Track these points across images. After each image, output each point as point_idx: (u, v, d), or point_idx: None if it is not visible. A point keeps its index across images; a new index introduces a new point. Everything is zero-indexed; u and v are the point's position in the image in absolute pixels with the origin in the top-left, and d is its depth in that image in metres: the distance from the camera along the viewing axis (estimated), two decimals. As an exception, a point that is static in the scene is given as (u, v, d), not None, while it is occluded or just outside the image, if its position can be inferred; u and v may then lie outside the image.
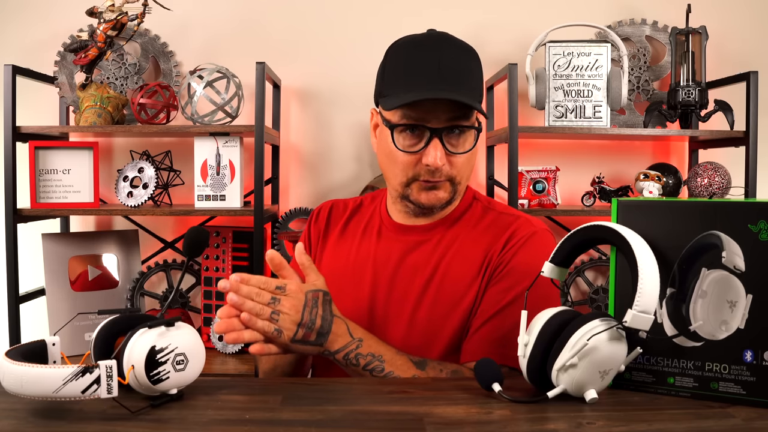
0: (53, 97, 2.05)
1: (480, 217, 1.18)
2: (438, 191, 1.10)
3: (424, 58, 1.06)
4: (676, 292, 0.88)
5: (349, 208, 1.27)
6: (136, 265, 2.05)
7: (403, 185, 1.11)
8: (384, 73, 1.11)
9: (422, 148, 1.06)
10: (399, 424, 0.79)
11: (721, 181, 1.87)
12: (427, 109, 1.04)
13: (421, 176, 1.08)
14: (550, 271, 0.93)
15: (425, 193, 1.10)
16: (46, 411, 0.81)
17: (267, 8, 2.11)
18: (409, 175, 1.09)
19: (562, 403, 0.84)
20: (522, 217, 1.16)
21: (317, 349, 0.99)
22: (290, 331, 0.95)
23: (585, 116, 1.89)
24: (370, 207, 1.26)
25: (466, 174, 1.12)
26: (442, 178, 1.08)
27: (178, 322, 0.84)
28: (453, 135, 1.06)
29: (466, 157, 1.09)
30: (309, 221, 1.28)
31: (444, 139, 1.06)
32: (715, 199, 0.97)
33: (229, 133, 1.85)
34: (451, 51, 1.07)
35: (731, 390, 0.85)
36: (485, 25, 2.11)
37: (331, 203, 1.28)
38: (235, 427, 0.77)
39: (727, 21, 2.11)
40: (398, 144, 1.07)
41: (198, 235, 0.96)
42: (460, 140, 1.07)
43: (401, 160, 1.08)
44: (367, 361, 1.00)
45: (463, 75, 1.06)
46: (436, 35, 1.10)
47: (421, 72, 1.05)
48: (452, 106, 1.04)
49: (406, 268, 1.13)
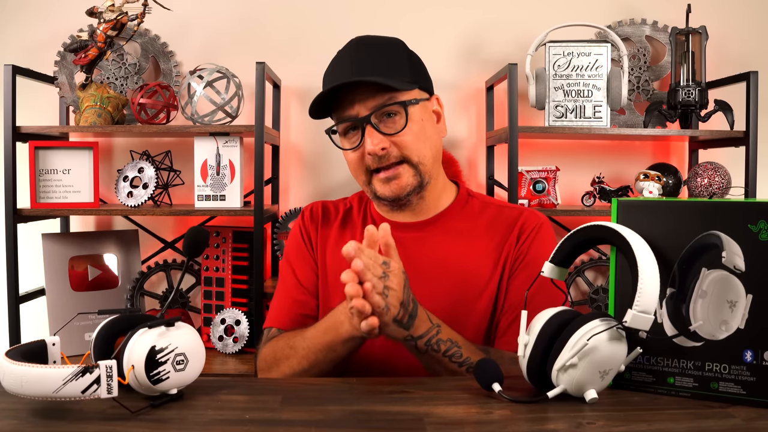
0: (53, 97, 2.05)
1: (479, 211, 1.20)
2: (399, 180, 1.12)
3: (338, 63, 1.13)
4: (676, 292, 0.88)
5: (340, 209, 1.27)
6: (136, 265, 2.05)
7: (366, 183, 1.14)
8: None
9: (361, 141, 1.10)
10: (399, 424, 0.79)
11: (721, 181, 1.87)
12: (351, 102, 1.09)
13: (373, 167, 1.12)
14: (550, 271, 0.93)
15: (386, 185, 1.12)
16: (46, 411, 0.81)
17: (267, 8, 2.11)
18: (364, 170, 1.13)
19: (562, 403, 0.84)
20: (525, 209, 1.20)
21: (404, 334, 0.98)
22: (395, 309, 0.94)
23: (585, 116, 1.89)
24: (361, 206, 1.26)
25: (420, 151, 1.12)
26: (393, 161, 1.11)
27: (178, 322, 0.84)
28: (386, 119, 1.10)
29: (411, 134, 1.11)
30: (301, 220, 1.27)
31: (378, 125, 1.09)
32: (715, 199, 0.97)
33: (229, 133, 1.85)
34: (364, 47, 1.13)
35: (731, 390, 0.85)
36: (485, 25, 2.11)
37: (320, 203, 1.28)
38: (235, 427, 0.77)
39: (727, 21, 2.11)
40: (343, 145, 1.13)
41: (198, 235, 0.96)
42: (396, 120, 1.11)
43: (352, 159, 1.13)
44: (447, 347, 1.01)
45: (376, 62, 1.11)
46: (354, 40, 1.16)
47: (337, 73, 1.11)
48: (374, 92, 1.09)
49: (416, 265, 1.12)
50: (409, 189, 1.12)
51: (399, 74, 1.11)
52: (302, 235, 1.25)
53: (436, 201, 1.20)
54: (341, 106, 1.11)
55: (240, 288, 1.95)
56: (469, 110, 2.13)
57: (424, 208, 1.18)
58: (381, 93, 1.08)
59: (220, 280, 1.96)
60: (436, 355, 1.01)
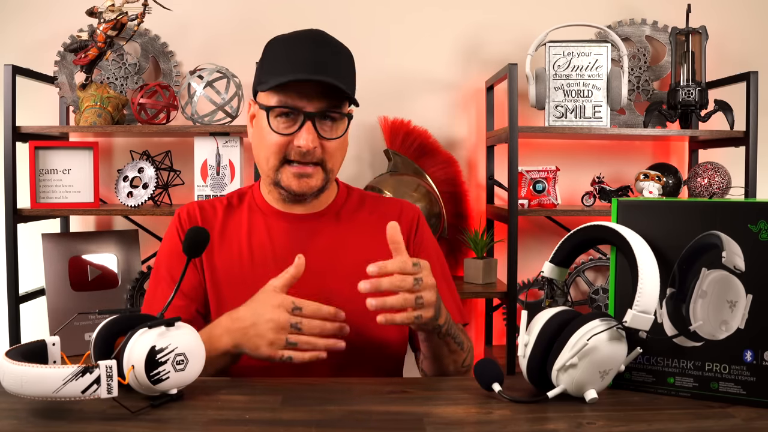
0: (53, 97, 2.05)
1: (360, 204, 1.25)
2: (310, 179, 1.13)
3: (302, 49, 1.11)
4: (676, 292, 0.88)
5: (217, 206, 1.23)
6: (136, 265, 2.04)
7: (275, 169, 1.13)
8: (263, 63, 1.15)
9: (296, 131, 1.10)
10: (399, 424, 0.79)
11: (721, 181, 1.87)
12: (303, 95, 1.09)
13: (291, 157, 1.11)
14: (550, 271, 0.93)
15: (297, 180, 1.13)
16: (46, 411, 0.81)
17: (267, 8, 2.11)
18: (280, 157, 1.12)
19: (562, 403, 0.84)
20: (400, 201, 1.29)
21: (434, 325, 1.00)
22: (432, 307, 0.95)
23: (585, 116, 1.89)
24: (243, 203, 1.24)
25: (337, 161, 1.16)
26: (313, 160, 1.11)
27: (178, 322, 0.84)
28: (326, 122, 1.11)
29: (337, 143, 1.13)
30: (178, 222, 1.22)
31: (317, 125, 1.10)
32: (715, 199, 0.97)
33: (229, 133, 1.85)
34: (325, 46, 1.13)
35: (731, 390, 0.85)
36: (485, 25, 2.11)
37: (196, 204, 1.24)
38: (235, 427, 0.77)
39: (727, 21, 2.11)
40: (273, 126, 1.11)
41: (198, 235, 0.96)
42: (333, 127, 1.12)
43: (274, 142, 1.11)
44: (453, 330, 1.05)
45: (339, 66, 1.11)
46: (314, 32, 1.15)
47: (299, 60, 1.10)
48: (327, 94, 1.09)
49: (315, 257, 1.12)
50: (315, 190, 1.14)
51: (350, 84, 1.13)
52: (180, 238, 1.20)
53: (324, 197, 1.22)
54: (287, 90, 1.10)
55: (240, 288, 1.95)
56: (469, 110, 2.13)
57: (315, 204, 1.21)
58: (331, 97, 1.10)
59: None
60: (451, 340, 1.05)
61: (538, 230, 2.13)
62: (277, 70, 1.11)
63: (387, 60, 2.08)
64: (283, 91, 1.09)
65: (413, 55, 2.09)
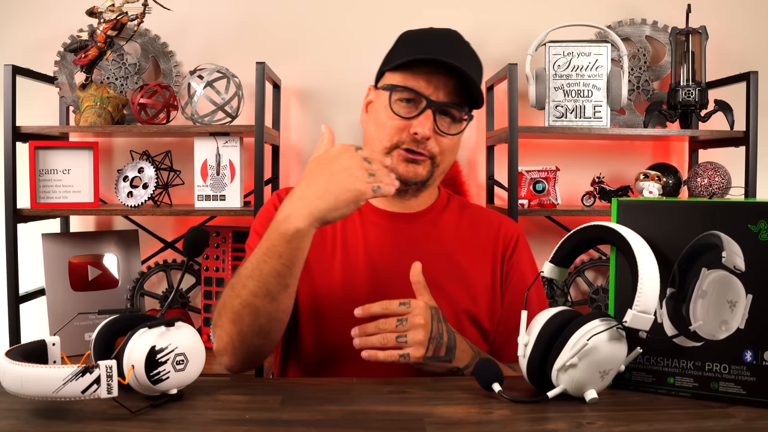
0: (53, 97, 2.05)
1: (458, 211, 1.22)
2: (417, 166, 1.11)
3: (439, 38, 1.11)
4: (676, 292, 0.88)
5: None
6: (136, 265, 2.05)
7: (385, 152, 1.12)
8: (394, 48, 1.15)
9: (415, 116, 1.08)
10: (399, 424, 0.79)
11: (721, 181, 1.87)
12: (430, 83, 1.08)
13: (405, 144, 1.10)
14: (550, 271, 0.93)
15: (405, 164, 1.11)
16: (46, 411, 0.81)
17: (267, 8, 2.11)
18: (394, 140, 1.11)
19: (562, 403, 0.84)
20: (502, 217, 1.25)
21: (446, 366, 0.99)
22: (422, 346, 0.96)
23: (585, 116, 1.89)
24: None
25: (447, 160, 1.15)
26: (425, 152, 1.10)
27: (178, 322, 0.84)
28: (446, 117, 1.10)
29: (451, 142, 1.12)
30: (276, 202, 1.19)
31: (436, 117, 1.09)
32: (715, 199, 0.97)
33: (229, 133, 1.85)
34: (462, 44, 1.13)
35: (731, 390, 0.85)
36: (485, 25, 2.11)
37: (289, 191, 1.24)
38: (235, 427, 0.77)
39: (727, 21, 2.11)
40: (393, 108, 1.10)
41: (198, 235, 0.96)
42: (452, 125, 1.11)
43: (391, 124, 1.10)
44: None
45: (470, 65, 1.10)
46: (453, 31, 1.16)
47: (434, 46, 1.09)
48: (453, 90, 1.08)
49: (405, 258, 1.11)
50: (418, 180, 1.12)
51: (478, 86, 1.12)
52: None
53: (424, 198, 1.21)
54: (416, 73, 1.08)
55: (240, 288, 1.95)
56: (469, 110, 2.13)
57: (414, 204, 1.19)
58: (456, 94, 1.09)
59: (220, 280, 1.96)
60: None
61: (538, 230, 2.13)
62: (410, 51, 1.10)
63: (387, 60, 2.08)
64: (412, 74, 1.08)
65: (413, 55, 2.09)
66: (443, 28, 1.16)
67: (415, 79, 1.08)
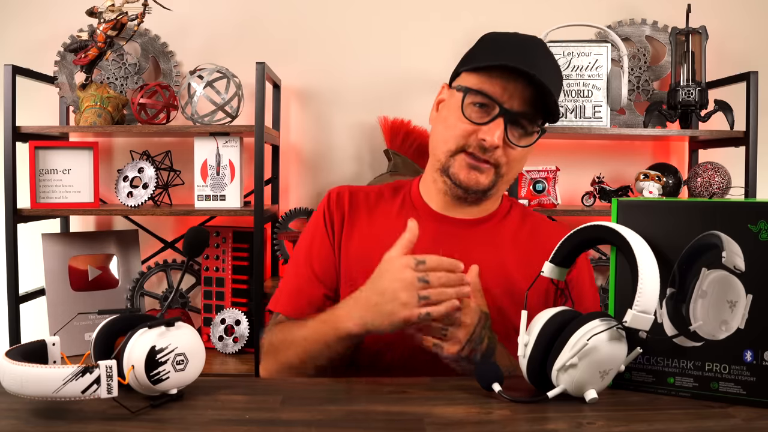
0: (53, 97, 2.05)
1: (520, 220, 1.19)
2: (480, 174, 1.09)
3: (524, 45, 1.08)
4: (676, 292, 0.88)
5: (371, 193, 1.22)
6: (136, 265, 2.05)
7: (450, 154, 1.09)
8: (475, 49, 1.12)
9: (486, 123, 1.06)
10: (399, 424, 0.79)
11: (721, 181, 1.87)
12: (506, 90, 1.05)
13: (470, 148, 1.08)
14: (550, 271, 0.93)
15: (467, 170, 1.09)
16: (46, 411, 0.81)
17: (267, 8, 2.11)
18: (460, 143, 1.08)
19: (562, 403, 0.84)
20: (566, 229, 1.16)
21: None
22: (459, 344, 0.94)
23: (585, 116, 1.89)
24: (398, 196, 1.21)
25: (514, 170, 1.12)
26: (490, 160, 1.08)
27: (178, 322, 0.84)
28: (517, 128, 1.07)
29: (520, 153, 1.09)
30: (326, 203, 1.20)
31: (507, 127, 1.06)
32: (715, 199, 0.97)
33: (229, 133, 1.85)
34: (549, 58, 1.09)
35: (731, 390, 0.85)
36: (485, 25, 2.11)
37: (347, 188, 1.22)
38: (235, 427, 0.77)
39: (727, 21, 2.11)
40: (465, 111, 1.07)
41: (198, 235, 0.96)
42: (522, 137, 1.08)
43: (460, 127, 1.08)
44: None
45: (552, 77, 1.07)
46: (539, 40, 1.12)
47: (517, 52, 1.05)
48: (529, 100, 1.05)
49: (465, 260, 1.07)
50: (480, 189, 1.10)
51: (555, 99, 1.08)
52: (325, 219, 1.19)
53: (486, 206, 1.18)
54: (493, 78, 1.05)
55: (240, 288, 1.95)
56: (469, 110, 2.13)
57: (473, 211, 1.17)
58: (531, 105, 1.06)
59: (220, 280, 1.96)
60: None
61: (538, 230, 2.13)
62: (491, 54, 1.07)
63: (387, 60, 2.08)
64: (489, 78, 1.05)
65: (413, 55, 2.09)
66: (529, 35, 1.12)
67: (491, 83, 1.05)
